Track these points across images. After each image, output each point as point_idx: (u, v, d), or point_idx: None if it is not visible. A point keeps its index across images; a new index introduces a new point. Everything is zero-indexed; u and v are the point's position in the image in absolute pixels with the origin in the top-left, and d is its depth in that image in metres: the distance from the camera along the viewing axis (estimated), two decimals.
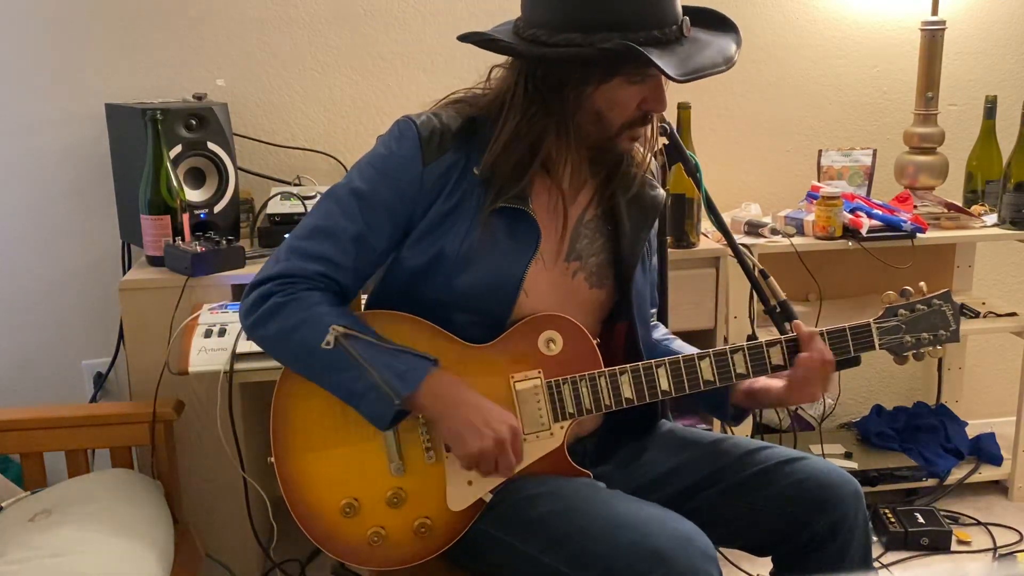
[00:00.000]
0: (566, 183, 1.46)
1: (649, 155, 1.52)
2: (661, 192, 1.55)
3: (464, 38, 1.37)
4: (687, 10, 1.38)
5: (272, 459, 1.44)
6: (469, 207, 1.40)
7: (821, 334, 1.44)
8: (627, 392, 1.43)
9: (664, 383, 1.43)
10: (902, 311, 1.47)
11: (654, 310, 1.70)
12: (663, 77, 1.32)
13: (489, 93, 1.44)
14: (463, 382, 1.38)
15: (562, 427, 1.43)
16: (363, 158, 1.45)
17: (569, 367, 1.43)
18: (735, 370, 1.44)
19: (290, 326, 1.36)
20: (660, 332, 1.68)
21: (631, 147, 1.45)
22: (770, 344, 1.44)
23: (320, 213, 1.42)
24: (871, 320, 1.47)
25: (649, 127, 1.44)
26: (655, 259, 1.65)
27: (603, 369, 1.43)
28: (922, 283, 1.50)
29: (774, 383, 1.48)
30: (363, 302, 1.56)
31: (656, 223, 1.59)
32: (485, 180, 1.39)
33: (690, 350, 1.58)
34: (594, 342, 1.44)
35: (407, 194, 1.39)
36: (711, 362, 1.43)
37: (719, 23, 1.43)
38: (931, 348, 1.47)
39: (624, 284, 1.51)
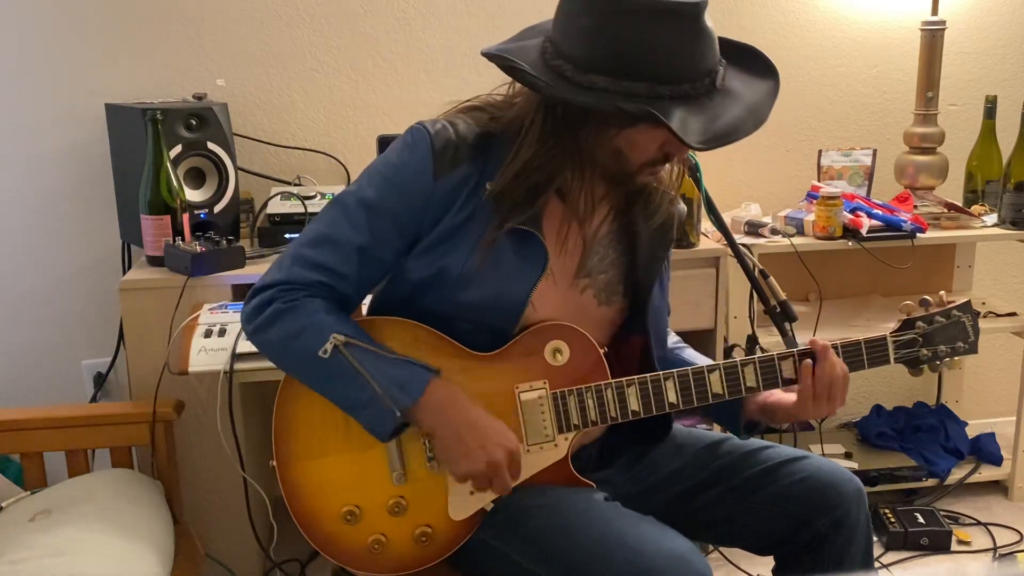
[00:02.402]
0: (581, 206, 1.40)
1: (675, 177, 1.47)
2: (681, 206, 1.50)
3: (489, 58, 1.31)
4: (726, 45, 1.33)
5: (273, 463, 1.44)
6: (478, 224, 1.36)
7: (835, 347, 1.41)
8: (634, 404, 1.40)
9: (672, 395, 1.40)
10: (920, 324, 1.43)
11: (666, 318, 1.66)
12: None
13: (510, 109, 1.38)
14: (464, 395, 1.35)
15: (566, 439, 1.41)
16: (374, 164, 1.42)
17: (575, 378, 1.40)
18: (745, 383, 1.40)
19: (290, 333, 1.34)
20: (671, 340, 1.65)
21: (650, 181, 1.41)
22: (782, 357, 1.41)
23: (327, 220, 1.39)
24: (887, 334, 1.43)
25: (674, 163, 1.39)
26: (669, 270, 1.59)
27: (610, 381, 1.40)
28: (942, 292, 1.45)
29: (788, 397, 1.45)
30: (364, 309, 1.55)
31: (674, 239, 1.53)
32: (496, 198, 1.36)
33: (702, 360, 1.55)
34: (601, 351, 1.42)
35: (416, 206, 1.36)
36: (721, 375, 1.40)
37: (759, 66, 1.35)
38: (948, 360, 1.43)
39: (640, 303, 1.47)
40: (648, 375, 1.40)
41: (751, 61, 1.36)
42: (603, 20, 1.25)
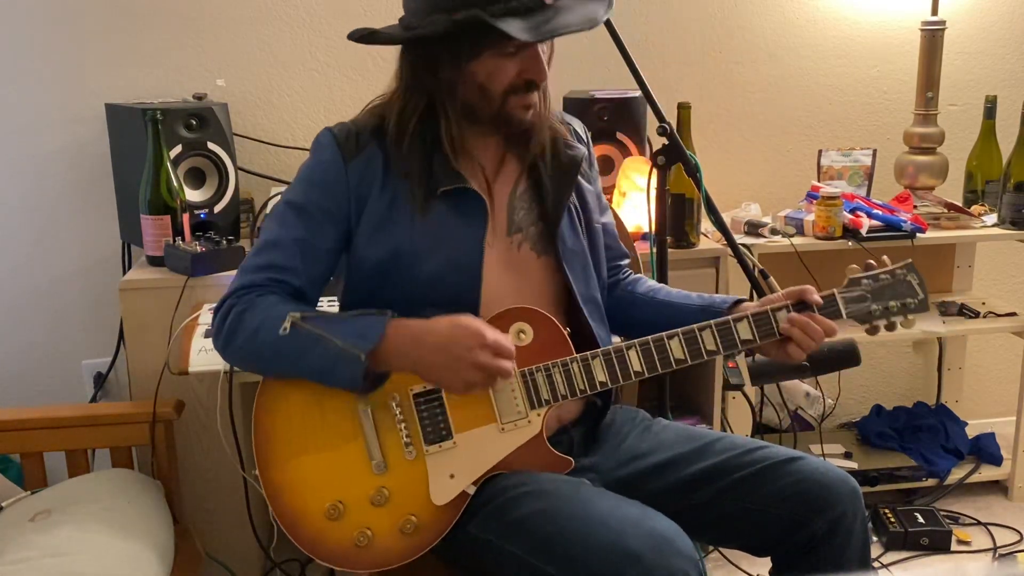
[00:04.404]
0: (486, 161, 1.51)
1: (551, 116, 1.54)
2: (580, 149, 1.57)
3: (350, 37, 1.45)
4: None
5: (256, 472, 1.45)
6: (408, 198, 1.44)
7: (787, 307, 1.46)
8: (600, 375, 1.45)
9: (636, 364, 1.45)
10: (866, 281, 1.48)
11: (626, 261, 1.74)
12: (537, 46, 1.38)
13: (393, 91, 1.50)
14: (420, 323, 1.39)
15: (539, 414, 1.45)
16: (295, 176, 1.51)
17: (542, 355, 1.45)
18: (705, 347, 1.45)
19: (252, 330, 1.40)
20: (645, 286, 1.70)
21: (526, 115, 1.46)
22: (737, 320, 1.46)
23: (264, 231, 1.49)
24: (835, 289, 1.48)
25: (538, 94, 1.46)
26: (607, 216, 1.67)
27: (575, 355, 1.45)
28: (884, 256, 1.51)
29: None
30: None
31: (582, 180, 1.59)
32: (406, 173, 1.44)
33: (678, 296, 1.63)
34: (565, 331, 1.47)
35: (338, 193, 1.45)
36: (680, 341, 1.45)
37: None
38: (901, 318, 1.49)
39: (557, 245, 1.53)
40: (612, 347, 1.46)
41: None
42: None
